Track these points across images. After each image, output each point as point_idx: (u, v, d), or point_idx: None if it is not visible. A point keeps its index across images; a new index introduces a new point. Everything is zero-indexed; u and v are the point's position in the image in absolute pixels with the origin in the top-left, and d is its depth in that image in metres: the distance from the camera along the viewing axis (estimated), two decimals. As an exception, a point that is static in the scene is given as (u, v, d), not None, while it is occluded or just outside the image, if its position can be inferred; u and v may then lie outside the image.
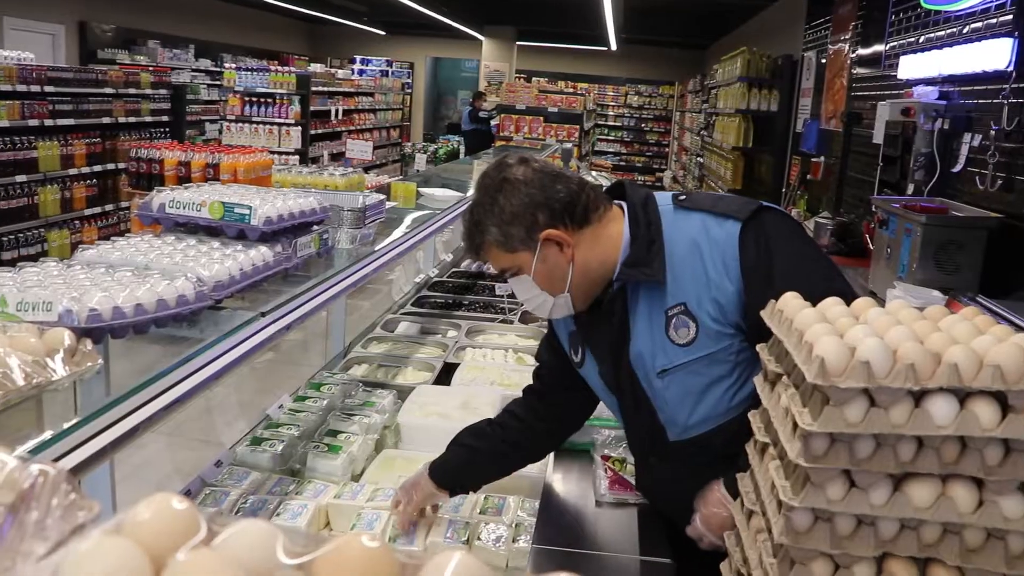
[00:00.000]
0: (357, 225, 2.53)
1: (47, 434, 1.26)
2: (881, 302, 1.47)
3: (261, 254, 1.98)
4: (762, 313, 1.49)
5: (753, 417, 1.52)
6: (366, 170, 9.53)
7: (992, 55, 4.04)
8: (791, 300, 1.43)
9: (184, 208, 2.07)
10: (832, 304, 1.40)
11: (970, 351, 1.19)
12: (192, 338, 1.69)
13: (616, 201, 1.92)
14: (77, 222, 8.28)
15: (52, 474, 0.60)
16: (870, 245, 5.40)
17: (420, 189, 4.35)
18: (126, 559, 0.47)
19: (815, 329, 1.26)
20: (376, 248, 2.58)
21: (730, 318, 1.75)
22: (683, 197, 1.85)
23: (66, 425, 1.23)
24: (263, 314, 1.77)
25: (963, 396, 1.19)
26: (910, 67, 5.25)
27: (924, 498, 1.21)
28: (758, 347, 1.51)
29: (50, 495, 0.58)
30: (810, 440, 1.20)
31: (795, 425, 1.25)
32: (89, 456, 1.22)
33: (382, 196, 2.98)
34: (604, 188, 1.98)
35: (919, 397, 1.19)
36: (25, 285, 1.48)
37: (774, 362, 1.43)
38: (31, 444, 1.18)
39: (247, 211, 2.00)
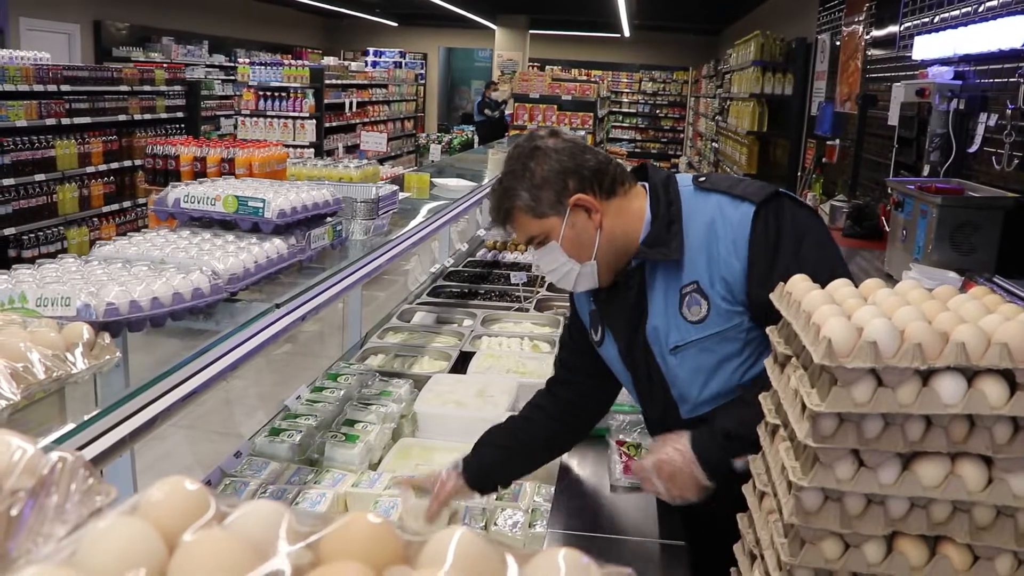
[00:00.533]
0: (370, 216, 2.55)
1: (69, 425, 1.29)
2: (897, 284, 1.47)
3: (275, 246, 2.00)
4: (771, 296, 1.50)
5: (763, 399, 1.53)
6: (381, 161, 9.58)
7: (1008, 33, 4.00)
8: (799, 282, 1.44)
9: (199, 203, 2.09)
10: (840, 285, 1.40)
11: (978, 330, 1.19)
12: (208, 330, 1.71)
13: (640, 182, 1.98)
14: (95, 219, 8.36)
15: (70, 460, 0.62)
16: (886, 227, 5.37)
17: (434, 179, 4.37)
18: (140, 538, 0.49)
19: (822, 310, 1.26)
20: (390, 239, 2.60)
21: (738, 296, 1.80)
22: (703, 179, 1.90)
23: (86, 416, 1.26)
24: (278, 305, 1.80)
25: (971, 375, 1.19)
26: (925, 47, 5.21)
27: (933, 477, 1.21)
28: (768, 329, 1.52)
29: (68, 480, 0.60)
30: (818, 420, 1.21)
31: (803, 406, 1.26)
32: (110, 446, 1.25)
33: (395, 187, 3.00)
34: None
35: (927, 376, 1.19)
36: (44, 281, 1.50)
37: (783, 344, 1.43)
38: (55, 435, 1.21)
39: (261, 204, 2.02)
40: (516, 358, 3.39)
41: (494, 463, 2.18)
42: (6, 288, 1.47)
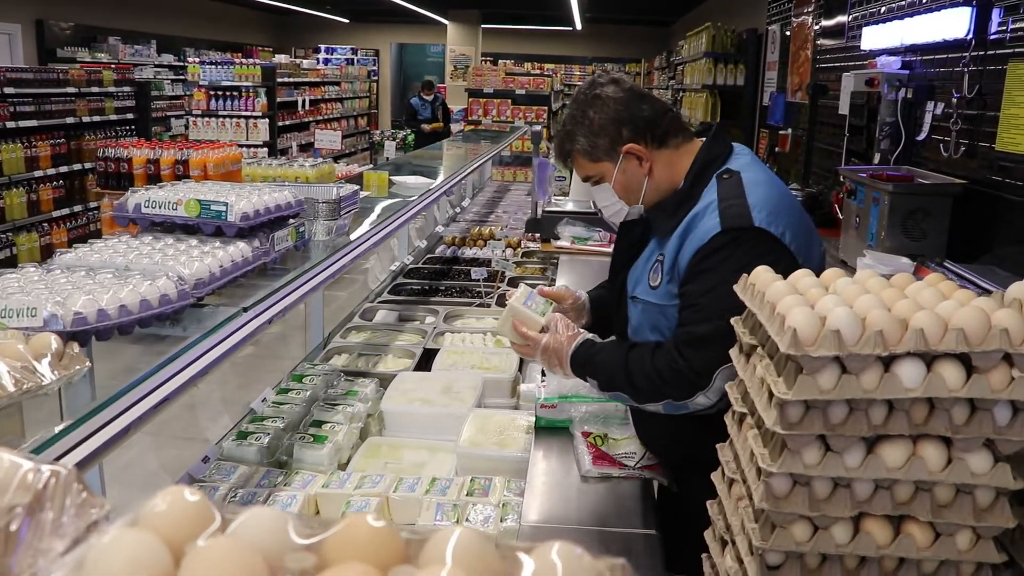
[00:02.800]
0: (333, 216, 2.55)
1: (38, 438, 1.28)
2: (852, 271, 1.52)
3: (240, 250, 1.99)
4: (736, 288, 1.53)
5: (730, 388, 1.57)
6: (335, 159, 9.51)
7: (952, 24, 4.10)
8: (762, 273, 1.47)
9: (160, 207, 2.07)
10: (802, 276, 1.44)
11: (935, 316, 1.23)
12: (175, 336, 1.70)
13: (702, 138, 2.10)
14: (45, 224, 8.20)
15: (64, 474, 0.62)
16: (839, 215, 5.48)
17: (392, 177, 4.36)
18: (146, 549, 0.49)
19: (786, 300, 1.30)
20: (353, 238, 2.60)
21: (679, 284, 1.96)
22: (727, 176, 1.98)
23: (58, 428, 1.25)
24: (245, 309, 1.79)
25: (929, 359, 1.24)
26: (873, 37, 5.31)
27: (896, 459, 1.25)
28: (732, 320, 1.55)
29: (63, 495, 0.61)
30: (786, 408, 1.24)
31: (771, 394, 1.30)
32: (85, 457, 1.24)
33: (356, 187, 3.00)
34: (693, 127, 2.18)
35: (888, 362, 1.23)
36: (7, 292, 1.48)
37: (748, 334, 1.47)
38: (27, 447, 1.19)
39: (223, 208, 2.01)
40: (480, 354, 3.40)
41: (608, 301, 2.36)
42: (-32, 300, 1.45)
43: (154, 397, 1.42)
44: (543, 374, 2.63)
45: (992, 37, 3.88)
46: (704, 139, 2.09)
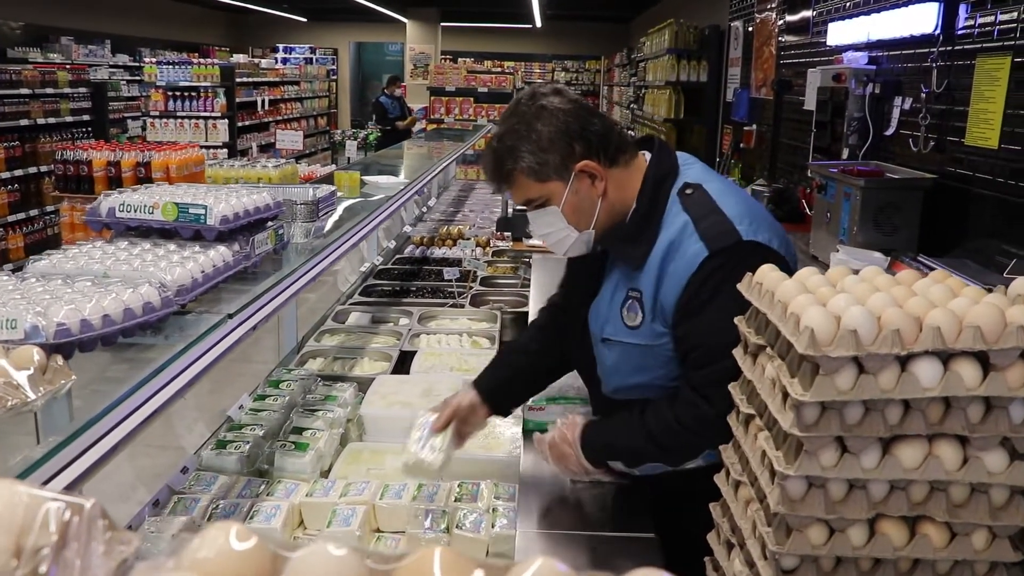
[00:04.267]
0: (311, 218, 2.49)
1: (21, 460, 1.21)
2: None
3: (220, 254, 1.93)
4: (739, 286, 1.51)
5: (734, 389, 1.54)
6: (296, 160, 9.39)
7: (919, 19, 4.14)
8: (768, 272, 1.45)
9: (135, 211, 2.00)
10: (809, 274, 1.42)
11: (950, 313, 1.22)
12: (158, 345, 1.64)
13: (643, 151, 1.96)
14: (1, 229, 7.98)
15: (87, 508, 0.57)
16: (806, 210, 5.51)
17: (363, 177, 4.30)
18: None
19: (799, 300, 1.27)
20: (332, 239, 2.54)
21: (668, 322, 1.83)
22: (689, 191, 1.84)
23: (47, 448, 1.18)
24: (230, 316, 1.73)
25: (945, 357, 1.22)
26: (839, 33, 5.35)
27: (913, 459, 1.24)
28: (736, 320, 1.53)
29: (88, 531, 0.56)
30: (802, 409, 1.22)
31: (784, 396, 1.27)
32: (73, 480, 1.17)
33: (333, 187, 2.94)
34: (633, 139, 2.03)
35: (904, 361, 1.21)
36: (-18, 302, 1.41)
37: (754, 334, 1.44)
38: (22, 465, 1.13)
39: (203, 211, 1.95)
40: (458, 355, 3.36)
41: (506, 378, 2.23)
42: (-59, 312, 1.37)
43: (143, 412, 1.35)
44: None
45: (959, 32, 3.92)
46: (649, 154, 1.94)
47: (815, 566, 1.29)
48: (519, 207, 1.94)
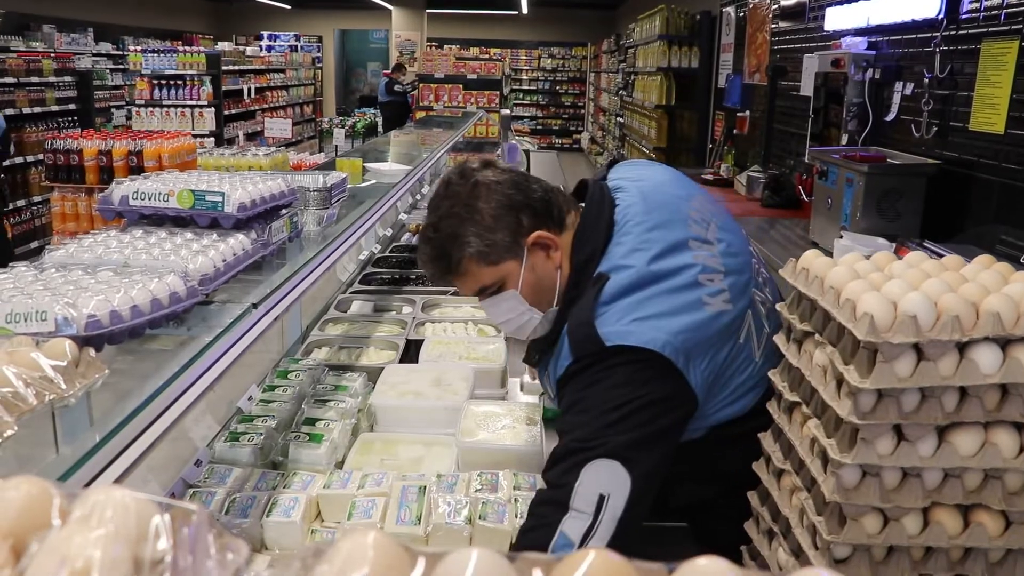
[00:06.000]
0: (324, 205, 2.45)
1: (66, 460, 1.17)
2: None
3: (239, 242, 1.88)
4: (782, 272, 1.48)
5: (775, 376, 1.52)
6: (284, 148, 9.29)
7: (922, 3, 4.12)
8: (813, 258, 1.42)
9: (149, 199, 1.95)
10: (855, 259, 1.39)
11: (1008, 299, 1.20)
12: (183, 337, 1.60)
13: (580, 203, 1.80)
14: (-13, 219, 7.88)
15: (197, 514, 0.54)
16: (803, 196, 5.50)
17: (365, 164, 4.25)
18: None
19: (853, 286, 1.25)
20: (346, 227, 2.50)
21: None
22: (594, 285, 1.64)
23: (82, 451, 1.14)
24: (255, 306, 1.69)
25: (1003, 343, 1.20)
26: (837, 18, 5.33)
27: (970, 446, 1.22)
28: (778, 306, 1.51)
29: (201, 539, 0.52)
30: (859, 397, 1.20)
31: (839, 383, 1.25)
32: (121, 472, 1.14)
33: (344, 174, 2.89)
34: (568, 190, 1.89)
35: (962, 348, 1.19)
36: (6, 294, 1.37)
37: (799, 320, 1.42)
38: (52, 469, 1.09)
39: (220, 198, 1.90)
40: (466, 344, 3.33)
41: None
42: (-35, 304, 1.32)
43: (179, 406, 1.32)
44: None
45: (964, 16, 3.90)
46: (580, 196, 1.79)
47: (867, 555, 1.28)
48: (472, 296, 1.77)
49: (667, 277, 1.59)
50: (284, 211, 2.22)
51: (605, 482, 1.47)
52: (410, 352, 3.29)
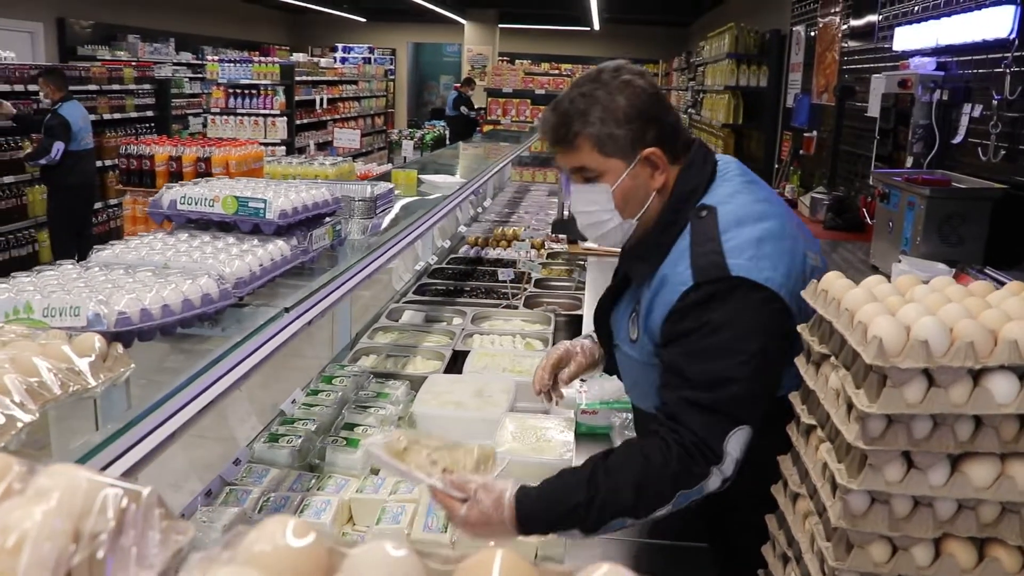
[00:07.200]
0: (368, 215, 2.50)
1: (80, 445, 1.22)
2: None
3: (279, 248, 1.94)
4: (803, 294, 1.47)
5: (794, 399, 1.50)
6: (353, 158, 9.48)
7: (993, 23, 4.01)
8: (834, 280, 1.41)
9: (196, 204, 2.02)
10: (877, 282, 1.37)
11: (1027, 327, 1.16)
12: (215, 337, 1.65)
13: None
14: (67, 221, 8.19)
15: (145, 495, 0.56)
16: (867, 219, 5.39)
17: (420, 176, 4.31)
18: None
19: (867, 309, 1.23)
20: (389, 236, 2.55)
21: (655, 342, 1.74)
22: (703, 214, 1.72)
23: (103, 436, 1.19)
24: (287, 309, 1.73)
25: (1021, 373, 1.17)
26: (906, 38, 5.23)
27: (984, 477, 1.19)
28: (800, 328, 1.49)
29: (145, 519, 0.55)
30: (867, 422, 1.18)
31: (849, 407, 1.23)
32: (130, 467, 1.18)
33: (391, 185, 2.94)
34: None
35: (977, 375, 1.16)
36: (48, 290, 1.44)
37: (817, 343, 1.40)
38: (80, 451, 1.14)
39: (262, 205, 1.96)
40: (511, 357, 3.35)
41: None
42: (8, 298, 1.40)
43: (200, 402, 1.36)
44: (582, 379, 2.51)
45: (1036, 38, 3.80)
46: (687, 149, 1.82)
47: (876, 584, 1.25)
48: (568, 172, 1.78)
49: (772, 218, 1.70)
50: (328, 219, 2.27)
51: (742, 446, 1.57)
52: (457, 363, 3.33)
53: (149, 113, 9.33)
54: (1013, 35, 3.90)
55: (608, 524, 1.59)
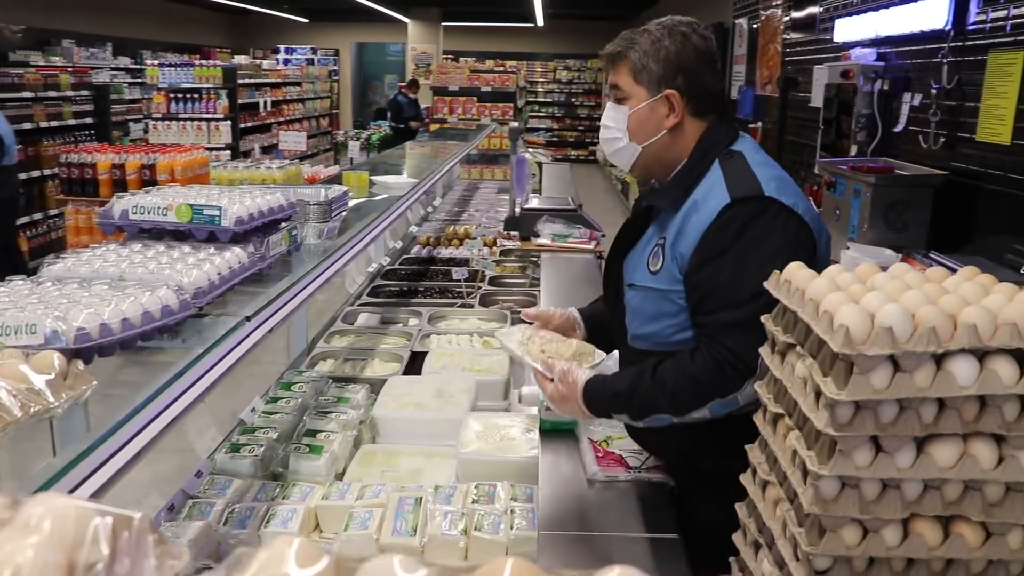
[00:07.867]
0: (324, 219, 2.47)
1: (40, 473, 1.19)
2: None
3: (236, 256, 1.91)
4: (767, 284, 1.49)
5: (761, 388, 1.52)
6: (299, 161, 9.37)
7: (930, 14, 4.12)
8: (797, 270, 1.43)
9: (148, 213, 1.98)
10: (838, 271, 1.40)
11: (985, 311, 1.20)
12: (176, 349, 1.62)
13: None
14: (5, 232, 7.96)
15: (136, 521, 0.55)
16: (815, 207, 5.49)
17: (372, 177, 4.28)
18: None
19: (831, 298, 1.26)
20: (346, 240, 2.52)
21: (682, 270, 1.89)
22: (728, 156, 1.91)
23: (67, 460, 1.16)
24: (248, 318, 1.71)
25: (980, 355, 1.20)
26: (846, 29, 5.33)
27: (948, 458, 1.22)
28: (763, 318, 1.51)
29: (139, 546, 0.54)
30: (836, 409, 1.20)
31: (817, 395, 1.25)
32: (96, 489, 1.16)
33: (345, 188, 2.92)
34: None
35: (940, 359, 1.19)
36: (0, 307, 1.40)
37: (782, 332, 1.42)
38: (41, 478, 1.11)
39: (217, 212, 1.93)
40: (470, 356, 3.34)
41: (603, 314, 2.30)
42: (-41, 317, 1.35)
43: (165, 417, 1.34)
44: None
45: (971, 27, 3.90)
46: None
47: (848, 566, 1.28)
48: (608, 88, 2.05)
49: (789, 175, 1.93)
50: (283, 224, 2.24)
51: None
52: (415, 364, 3.31)
53: (88, 120, 9.11)
54: (949, 26, 4.01)
55: (651, 417, 1.85)
